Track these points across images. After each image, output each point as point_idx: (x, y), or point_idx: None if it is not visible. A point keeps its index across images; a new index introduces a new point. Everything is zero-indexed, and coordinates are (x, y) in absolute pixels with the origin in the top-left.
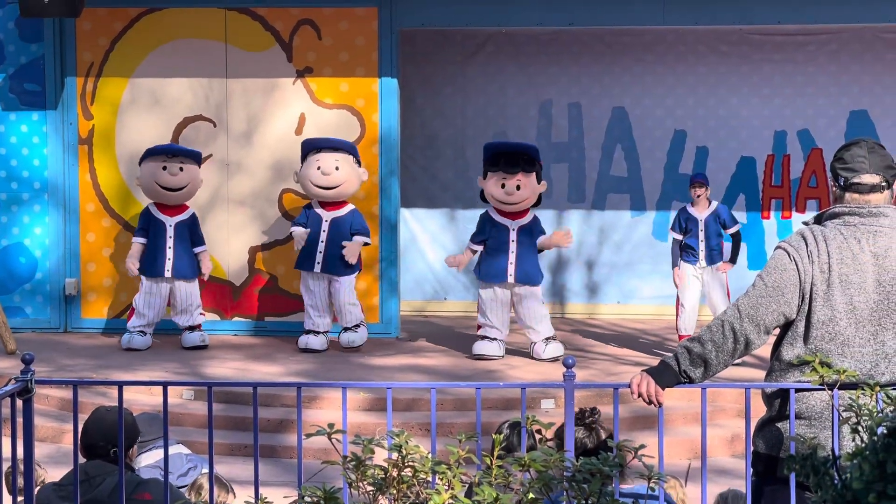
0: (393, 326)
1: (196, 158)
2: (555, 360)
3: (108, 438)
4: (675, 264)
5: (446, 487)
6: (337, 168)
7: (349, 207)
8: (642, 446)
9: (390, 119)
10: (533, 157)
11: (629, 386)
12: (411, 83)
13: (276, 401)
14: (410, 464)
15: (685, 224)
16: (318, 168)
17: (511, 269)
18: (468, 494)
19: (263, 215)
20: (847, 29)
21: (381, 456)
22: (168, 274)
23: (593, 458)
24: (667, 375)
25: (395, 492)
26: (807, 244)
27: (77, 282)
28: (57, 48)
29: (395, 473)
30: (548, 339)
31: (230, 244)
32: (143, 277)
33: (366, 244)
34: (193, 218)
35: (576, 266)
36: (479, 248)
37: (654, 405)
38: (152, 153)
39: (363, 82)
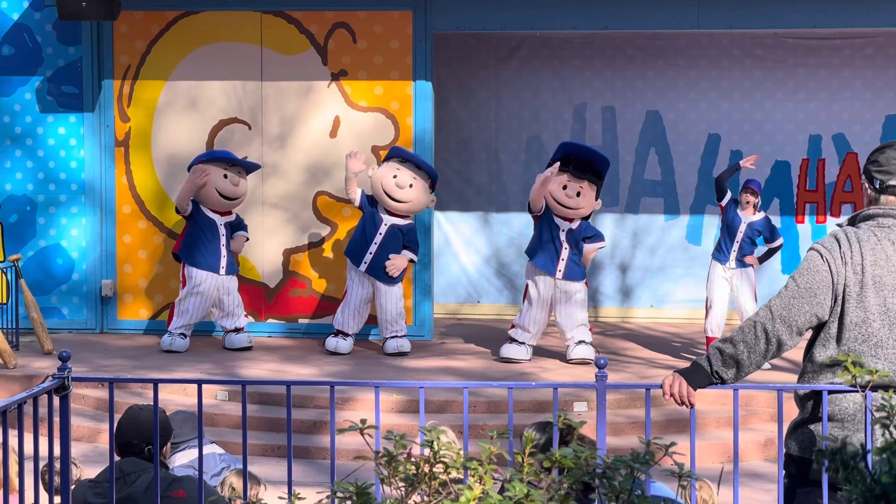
0: (426, 329)
1: (252, 171)
2: (583, 362)
3: (141, 436)
4: (720, 196)
5: (478, 483)
6: (411, 186)
7: (409, 221)
8: (672, 444)
9: (424, 122)
10: (602, 170)
11: (661, 387)
12: (445, 87)
13: (310, 402)
14: (442, 459)
15: (730, 218)
16: (395, 177)
17: (561, 266)
18: (500, 492)
19: (298, 218)
20: (883, 32)
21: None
22: (222, 272)
23: (624, 455)
24: (699, 376)
25: (426, 488)
26: (840, 246)
27: (113, 283)
28: (94, 51)
29: (426, 469)
30: (580, 341)
31: (265, 246)
32: (192, 269)
33: (411, 261)
34: (239, 217)
35: (609, 270)
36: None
37: (686, 406)
38: (212, 158)
39: (397, 85)
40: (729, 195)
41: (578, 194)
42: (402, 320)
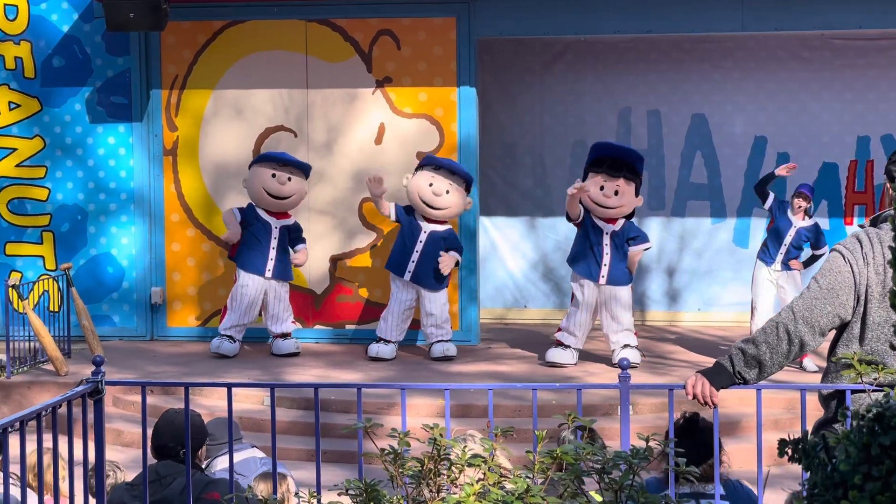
0: (473, 334)
1: (305, 171)
2: (630, 366)
3: (177, 439)
4: (763, 198)
5: (479, 479)
6: (447, 192)
7: (448, 225)
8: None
9: (469, 128)
10: (637, 167)
11: (684, 387)
12: (490, 92)
13: (355, 407)
14: (446, 456)
15: (778, 223)
16: (431, 185)
17: (604, 271)
18: None
19: (344, 224)
20: None
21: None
22: (269, 274)
23: (622, 451)
24: (721, 376)
25: (432, 484)
26: (862, 247)
27: (162, 291)
28: (142, 61)
29: (431, 466)
30: (626, 345)
31: (312, 253)
32: (239, 271)
33: (458, 263)
34: (297, 224)
35: (656, 273)
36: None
37: (710, 406)
38: (264, 159)
39: (442, 92)
40: (772, 197)
41: (616, 193)
42: (448, 325)
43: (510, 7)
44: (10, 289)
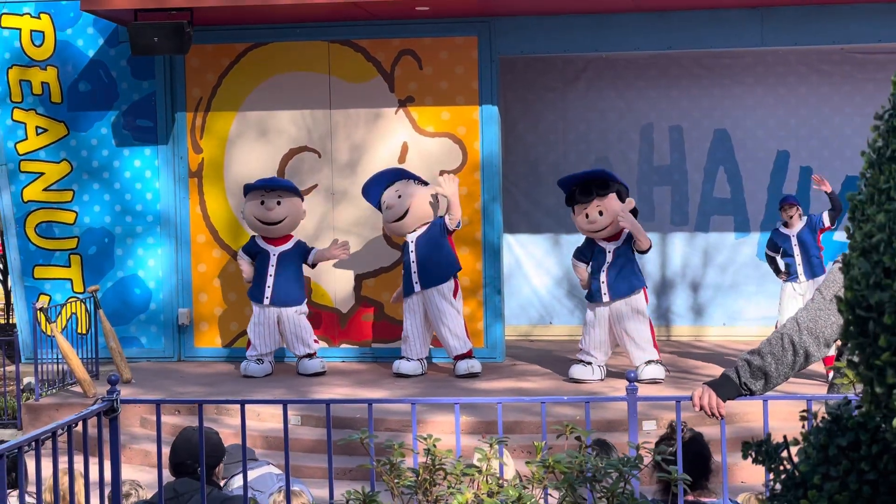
0: (498, 351)
1: (294, 191)
2: (654, 382)
3: (194, 457)
4: (777, 272)
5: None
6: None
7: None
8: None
9: (491, 146)
10: (605, 179)
11: (691, 399)
12: (512, 110)
13: (381, 424)
14: (441, 467)
15: (779, 245)
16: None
17: (604, 289)
18: None
19: (368, 243)
20: None
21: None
22: (266, 302)
23: (614, 459)
24: (728, 387)
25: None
26: None
27: (189, 312)
28: (167, 84)
29: (427, 476)
30: (649, 361)
31: (336, 272)
32: (253, 304)
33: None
34: (299, 246)
35: (681, 288)
36: (583, 265)
37: (716, 417)
38: (251, 189)
39: (464, 110)
40: (779, 257)
41: (601, 213)
42: (466, 339)
43: (531, 25)
44: (38, 311)
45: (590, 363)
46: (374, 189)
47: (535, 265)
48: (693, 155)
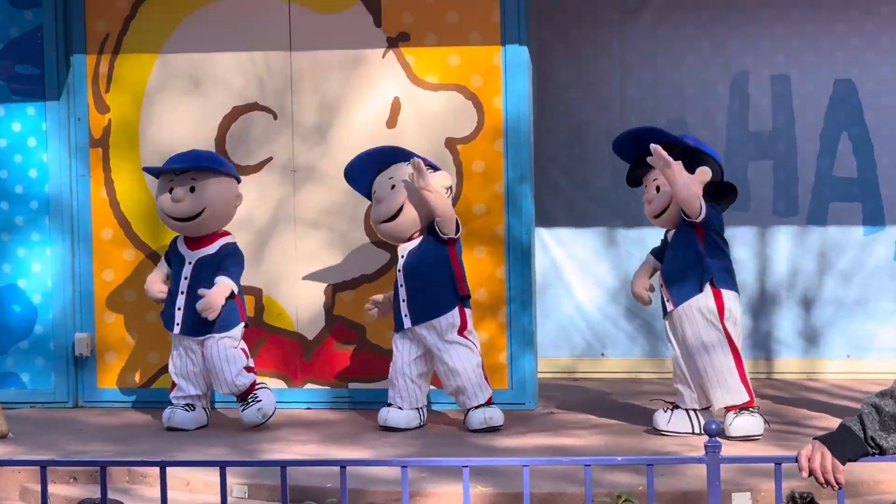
0: (528, 394)
1: (217, 169)
2: (746, 439)
3: None
4: None
5: None
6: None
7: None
8: None
9: (519, 104)
10: (665, 140)
11: (796, 460)
12: (549, 53)
13: (362, 497)
14: None
15: None
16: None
17: (667, 294)
18: None
19: (344, 241)
20: None
21: None
22: (177, 330)
23: None
24: (849, 445)
25: None
26: None
27: (91, 338)
28: (59, 15)
29: None
30: (741, 409)
31: (299, 282)
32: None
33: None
34: (225, 251)
35: (786, 306)
36: (645, 277)
37: (832, 487)
38: (161, 171)
39: (480, 53)
40: None
41: (658, 189)
42: (483, 383)
43: None
44: None
45: (678, 406)
46: (363, 173)
47: (581, 272)
48: (805, 117)
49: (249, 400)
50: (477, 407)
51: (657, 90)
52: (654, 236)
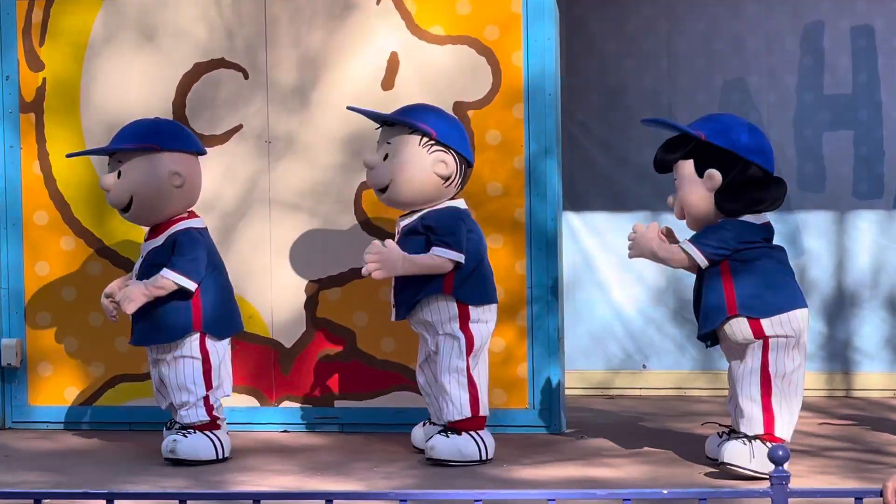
0: (553, 415)
1: (147, 147)
2: (765, 476)
3: None
4: None
5: None
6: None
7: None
8: None
9: (544, 60)
10: (677, 134)
11: (881, 494)
12: (579, 1)
13: None
14: None
15: None
16: (368, 165)
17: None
18: None
19: (330, 227)
20: None
21: None
22: (132, 340)
23: None
24: None
25: None
26: None
27: (20, 344)
28: None
29: None
30: (751, 437)
31: (274, 277)
32: None
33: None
34: (173, 239)
35: (868, 308)
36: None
37: None
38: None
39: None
40: None
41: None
42: (464, 397)
43: None
44: None
45: (732, 430)
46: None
47: (619, 266)
48: (893, 78)
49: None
50: (456, 426)
51: (712, 45)
52: None
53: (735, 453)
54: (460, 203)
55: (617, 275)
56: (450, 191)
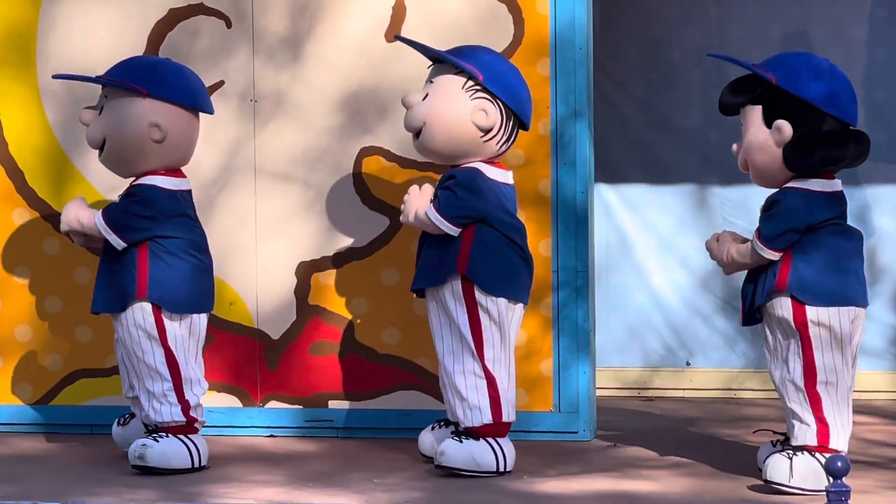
0: (581, 419)
1: (127, 85)
2: (812, 493)
3: None
4: None
5: None
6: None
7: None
8: None
9: (574, 9)
10: (762, 74)
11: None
12: None
13: None
14: None
15: None
16: (406, 103)
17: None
18: None
19: (325, 200)
20: None
21: None
22: (93, 305)
23: None
24: None
25: None
26: None
27: None
28: None
29: None
30: (795, 448)
31: (260, 257)
32: None
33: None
34: (128, 193)
35: None
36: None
37: None
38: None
39: None
40: None
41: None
42: (482, 398)
43: None
44: None
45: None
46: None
47: (660, 248)
48: None
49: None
50: (472, 432)
51: None
52: (762, 197)
53: (774, 469)
54: (501, 174)
55: (657, 257)
56: (489, 148)
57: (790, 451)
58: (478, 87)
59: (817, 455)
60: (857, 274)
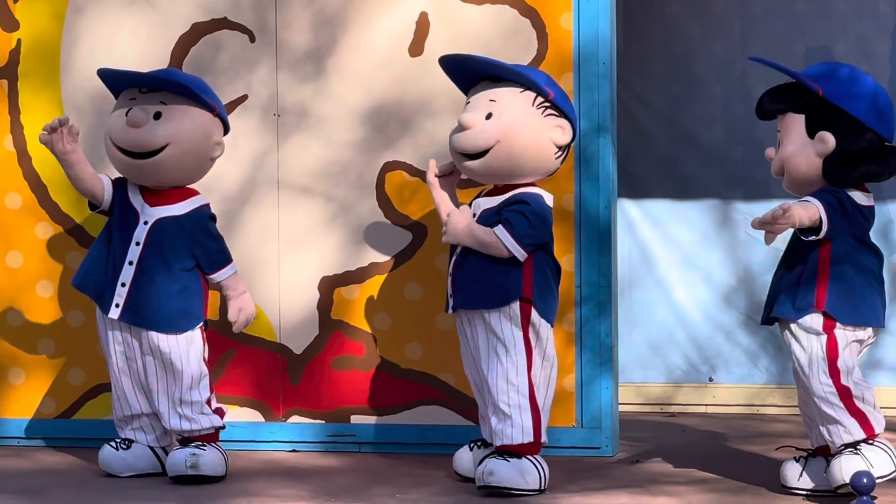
0: (604, 434)
1: (201, 99)
2: (849, 495)
3: None
4: None
5: None
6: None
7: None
8: None
9: (598, 24)
10: (804, 81)
11: None
12: None
13: None
14: None
15: None
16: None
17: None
18: None
19: (349, 216)
20: None
21: None
22: (115, 313)
23: None
24: None
25: None
26: None
27: None
28: None
29: None
30: (848, 447)
31: (283, 272)
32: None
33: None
34: (199, 215)
35: None
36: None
37: None
38: (117, 80)
39: None
40: None
41: (779, 144)
42: (525, 416)
43: None
44: None
45: (809, 454)
46: (466, 69)
47: (682, 262)
48: None
49: (201, 438)
50: (506, 451)
51: (793, 6)
52: None
53: (786, 473)
54: (551, 199)
55: (680, 272)
56: (556, 165)
57: (803, 456)
58: (548, 105)
59: (872, 443)
60: (881, 296)
